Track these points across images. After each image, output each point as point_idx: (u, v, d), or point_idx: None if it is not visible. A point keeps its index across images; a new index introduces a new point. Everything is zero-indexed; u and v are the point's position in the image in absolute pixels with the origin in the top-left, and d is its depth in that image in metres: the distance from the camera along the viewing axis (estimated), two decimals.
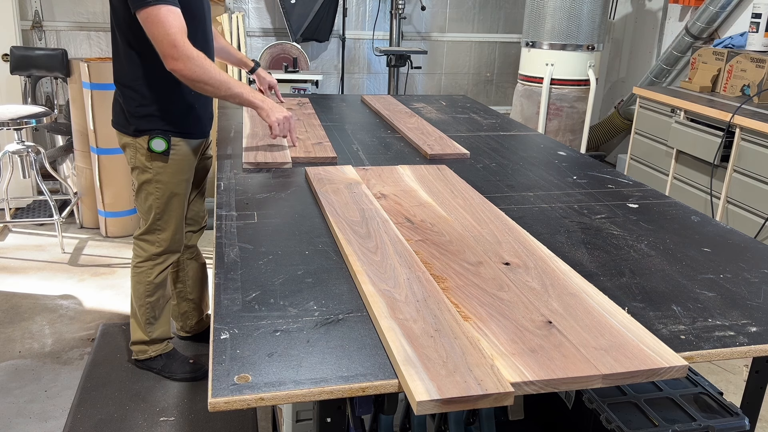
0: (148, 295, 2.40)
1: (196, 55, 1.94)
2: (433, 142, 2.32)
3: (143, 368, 2.57)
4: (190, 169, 2.32)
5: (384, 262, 1.33)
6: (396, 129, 2.58)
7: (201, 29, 2.16)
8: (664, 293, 1.29)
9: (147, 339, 2.49)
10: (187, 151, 2.27)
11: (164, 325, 2.51)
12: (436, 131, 2.50)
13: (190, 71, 1.94)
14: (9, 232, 3.95)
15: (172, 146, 2.21)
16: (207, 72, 1.96)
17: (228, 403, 0.92)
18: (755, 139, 3.13)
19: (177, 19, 1.93)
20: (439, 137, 2.40)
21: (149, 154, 2.20)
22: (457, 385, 0.94)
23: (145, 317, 2.44)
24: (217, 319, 1.12)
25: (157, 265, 2.37)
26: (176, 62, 1.93)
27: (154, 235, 2.33)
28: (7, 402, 2.41)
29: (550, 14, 4.31)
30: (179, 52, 1.92)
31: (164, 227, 2.32)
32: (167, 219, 2.31)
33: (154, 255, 2.35)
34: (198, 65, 1.94)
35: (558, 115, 4.46)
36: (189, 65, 1.93)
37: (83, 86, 3.69)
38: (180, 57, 1.92)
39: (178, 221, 2.34)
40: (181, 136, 2.23)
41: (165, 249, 2.35)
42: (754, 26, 3.74)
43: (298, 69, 4.46)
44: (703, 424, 1.25)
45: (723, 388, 2.64)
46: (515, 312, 1.16)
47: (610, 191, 1.93)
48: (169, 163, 2.23)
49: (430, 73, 5.33)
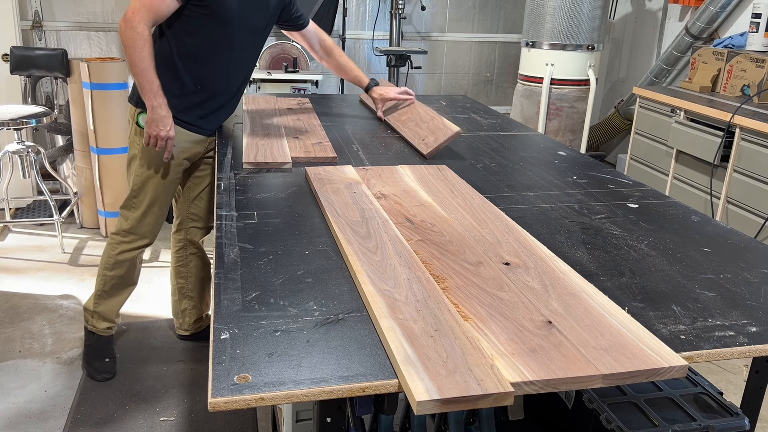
0: (106, 267, 2.47)
1: (141, 31, 2.03)
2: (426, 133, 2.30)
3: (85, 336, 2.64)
4: (178, 157, 2.33)
5: (384, 262, 1.33)
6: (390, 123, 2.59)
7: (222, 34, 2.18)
8: (664, 293, 1.29)
9: (91, 309, 2.55)
10: (179, 139, 2.27)
11: (111, 306, 2.55)
12: (428, 113, 2.46)
13: (126, 38, 2.04)
14: (9, 232, 3.95)
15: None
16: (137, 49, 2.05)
17: (228, 403, 0.92)
18: (755, 139, 3.13)
19: (161, 3, 2.04)
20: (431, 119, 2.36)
21: (137, 128, 2.29)
22: (457, 385, 0.94)
23: (98, 287, 2.51)
24: (217, 319, 1.13)
25: (123, 242, 2.42)
26: (122, 22, 2.05)
27: (128, 211, 2.39)
28: (7, 402, 2.41)
29: (550, 14, 4.31)
30: (132, 18, 2.03)
31: (137, 206, 2.37)
32: (141, 199, 2.35)
33: (123, 231, 2.41)
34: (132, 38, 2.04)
35: (558, 115, 4.46)
36: (128, 33, 2.04)
37: (83, 86, 3.69)
38: (128, 20, 2.03)
39: (152, 206, 2.36)
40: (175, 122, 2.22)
41: (131, 228, 2.39)
42: (754, 26, 3.74)
43: (298, 69, 4.46)
44: (703, 424, 1.25)
45: (723, 388, 2.64)
46: (515, 312, 1.16)
47: (610, 191, 1.93)
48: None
49: (430, 73, 5.33)
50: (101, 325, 2.56)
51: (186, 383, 2.54)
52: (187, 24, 2.14)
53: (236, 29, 2.20)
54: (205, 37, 2.17)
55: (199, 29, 2.15)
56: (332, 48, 2.63)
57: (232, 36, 2.21)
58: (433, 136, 2.25)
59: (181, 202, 2.59)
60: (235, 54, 2.26)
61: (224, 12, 2.13)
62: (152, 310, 3.09)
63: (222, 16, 2.14)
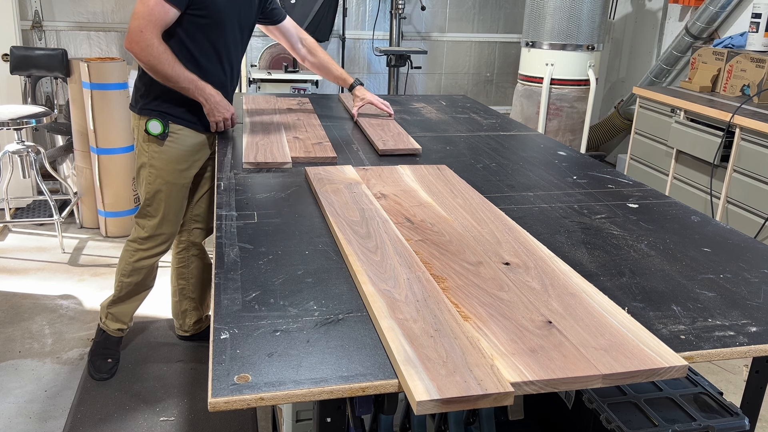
0: (123, 274, 2.47)
1: (157, 46, 2.04)
2: (388, 138, 2.33)
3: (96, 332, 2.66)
4: (189, 161, 2.33)
5: (384, 262, 1.33)
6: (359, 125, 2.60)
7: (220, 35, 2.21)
8: (664, 293, 1.29)
9: (106, 309, 2.57)
10: (188, 142, 2.29)
11: (125, 310, 2.56)
12: (397, 127, 2.51)
13: (145, 57, 2.05)
14: (9, 232, 3.95)
15: (171, 132, 2.25)
16: (161, 63, 2.06)
17: (228, 403, 0.92)
18: (755, 139, 3.13)
19: (162, 12, 2.04)
20: (398, 133, 2.41)
21: (146, 136, 2.25)
22: (457, 385, 0.94)
23: (115, 292, 2.52)
24: (217, 319, 1.13)
25: (140, 250, 2.42)
26: (133, 44, 2.04)
27: (144, 219, 2.38)
28: (7, 402, 2.41)
29: (550, 14, 4.31)
30: (141, 37, 2.02)
31: (153, 214, 2.35)
32: (156, 206, 2.34)
33: (140, 239, 2.41)
34: (153, 55, 2.04)
35: (558, 115, 4.46)
36: (146, 52, 2.04)
37: (83, 86, 3.69)
38: (140, 41, 2.03)
39: (168, 212, 2.35)
40: (182, 124, 2.26)
41: (150, 236, 2.38)
42: (754, 26, 3.74)
43: (298, 69, 4.46)
44: (703, 424, 1.25)
45: (723, 388, 2.64)
46: (515, 312, 1.16)
47: (610, 191, 1.93)
48: (164, 149, 2.26)
49: (430, 73, 5.33)
50: (113, 326, 2.58)
51: (186, 383, 2.54)
52: (188, 29, 2.15)
53: (230, 29, 2.24)
54: (204, 40, 2.19)
55: (198, 33, 2.17)
56: (315, 46, 2.63)
57: (226, 36, 2.24)
58: (393, 142, 2.29)
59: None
60: (231, 53, 2.30)
61: (219, 15, 2.16)
62: (152, 310, 3.09)
63: (218, 18, 2.17)
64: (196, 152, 2.34)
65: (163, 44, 2.06)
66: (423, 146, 2.33)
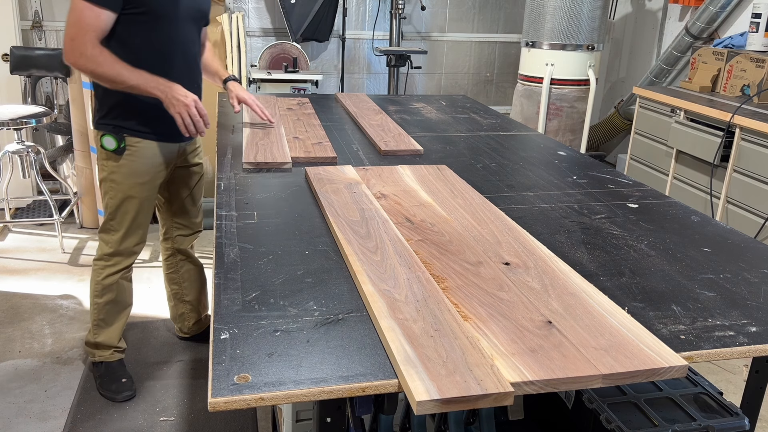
0: (96, 295, 2.37)
1: (90, 50, 1.95)
2: (390, 139, 2.33)
3: (91, 370, 2.53)
4: (149, 173, 2.23)
5: (384, 262, 1.33)
6: (360, 126, 2.59)
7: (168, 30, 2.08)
8: (664, 293, 1.29)
9: (92, 342, 2.45)
10: (148, 154, 2.19)
11: (111, 334, 2.44)
12: (397, 128, 2.50)
13: (82, 66, 1.98)
14: (9, 232, 3.95)
15: (128, 146, 2.16)
16: (100, 66, 1.97)
17: (228, 403, 0.92)
18: (755, 139, 3.13)
19: (92, 17, 1.94)
20: (398, 134, 2.41)
21: (103, 151, 2.18)
22: (457, 385, 0.94)
23: (93, 317, 2.41)
24: (217, 319, 1.13)
25: (108, 266, 2.32)
26: (68, 55, 1.98)
27: (108, 234, 2.29)
28: (7, 402, 2.41)
29: (550, 14, 4.31)
30: (73, 46, 1.95)
31: (116, 228, 2.26)
32: (120, 221, 2.25)
33: (105, 255, 2.32)
34: (89, 60, 1.96)
35: (558, 115, 4.46)
36: (81, 60, 1.97)
37: (83, 86, 3.69)
38: (72, 50, 1.96)
39: (132, 225, 2.27)
40: (139, 136, 2.16)
41: (115, 251, 2.30)
42: (754, 26, 3.74)
43: (298, 69, 4.46)
44: (703, 424, 1.25)
45: (723, 388, 2.64)
46: (515, 312, 1.16)
47: (610, 191, 1.93)
48: (122, 164, 2.17)
49: (430, 73, 5.33)
50: (106, 353, 2.46)
51: (186, 383, 2.54)
52: (128, 29, 2.02)
53: (179, 23, 2.10)
54: (151, 38, 2.06)
55: (141, 31, 2.04)
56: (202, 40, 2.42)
57: (177, 31, 2.11)
58: (395, 143, 2.29)
59: (164, 212, 2.53)
60: (187, 48, 2.17)
61: (162, 9, 2.03)
62: (152, 310, 3.09)
63: (161, 11, 2.04)
64: (158, 164, 2.24)
65: (98, 47, 1.95)
66: (423, 146, 2.33)
